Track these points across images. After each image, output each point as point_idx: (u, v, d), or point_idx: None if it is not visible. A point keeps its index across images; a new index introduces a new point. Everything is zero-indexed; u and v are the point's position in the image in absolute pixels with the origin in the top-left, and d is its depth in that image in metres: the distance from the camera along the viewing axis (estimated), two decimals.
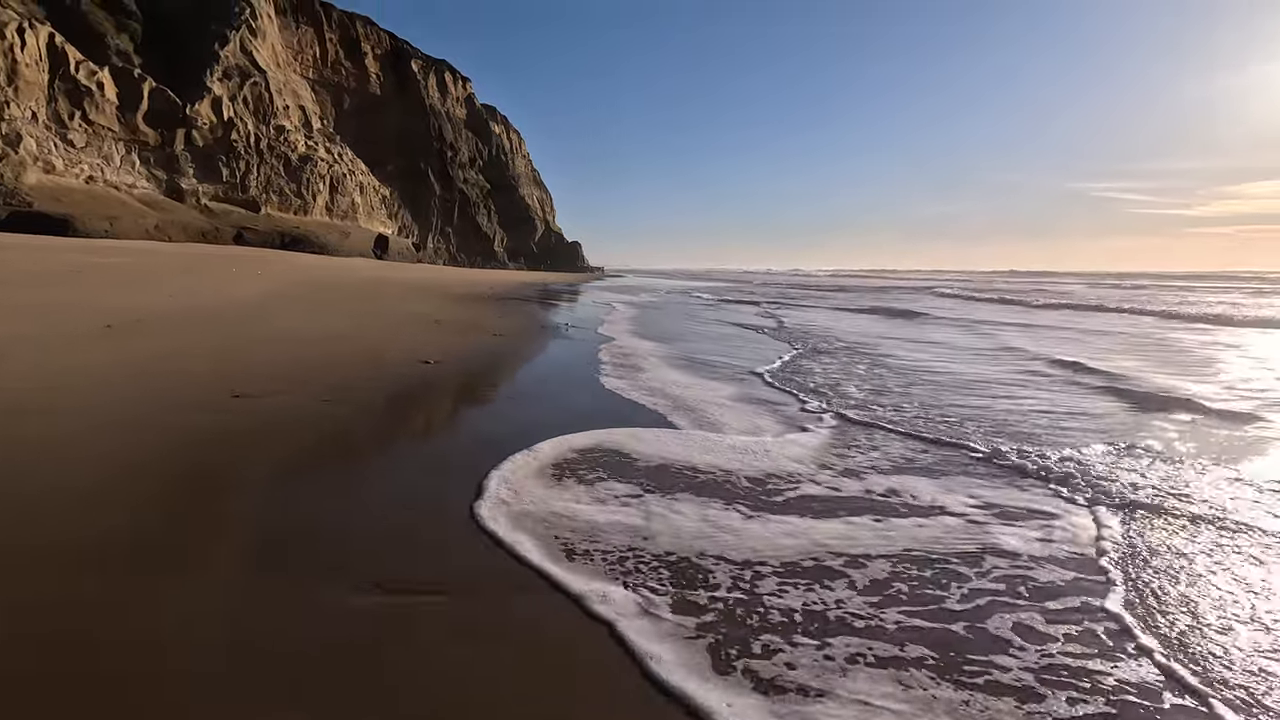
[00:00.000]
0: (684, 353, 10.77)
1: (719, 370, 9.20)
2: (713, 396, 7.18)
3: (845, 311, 22.76)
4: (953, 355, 11.28)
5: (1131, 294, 35.66)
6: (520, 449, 4.71)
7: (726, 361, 9.99)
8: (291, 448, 4.64)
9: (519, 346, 10.60)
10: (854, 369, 9.50)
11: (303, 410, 5.47)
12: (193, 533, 3.27)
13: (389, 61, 76.90)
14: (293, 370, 6.89)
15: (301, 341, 8.69)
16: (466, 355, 9.22)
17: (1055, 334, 15.50)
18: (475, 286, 30.14)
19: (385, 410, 5.85)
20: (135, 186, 41.58)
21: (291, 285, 19.52)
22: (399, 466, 4.47)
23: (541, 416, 5.85)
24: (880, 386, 8.04)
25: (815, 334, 14.32)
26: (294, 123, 52.27)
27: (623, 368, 9.06)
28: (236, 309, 11.79)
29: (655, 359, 9.88)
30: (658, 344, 11.77)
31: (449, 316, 14.49)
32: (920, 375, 9.01)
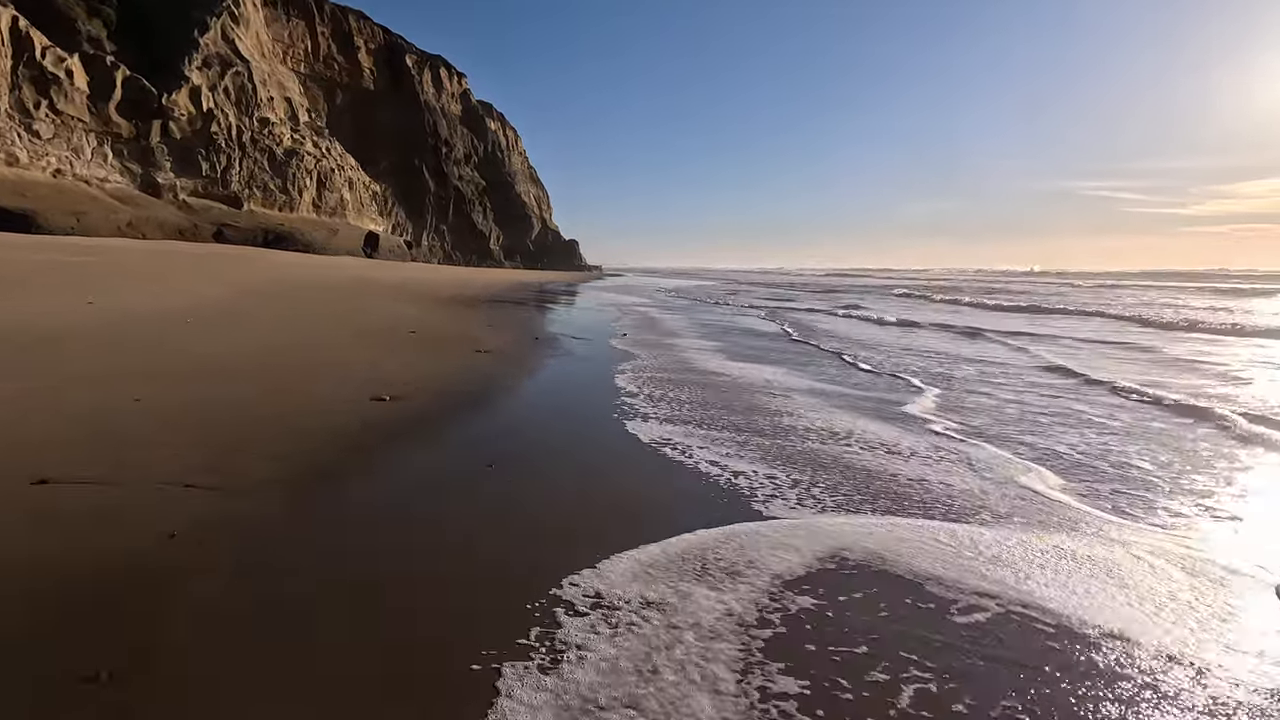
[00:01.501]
0: (727, 380, 8.50)
1: (774, 399, 6.94)
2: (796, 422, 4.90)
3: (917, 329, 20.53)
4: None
5: (1096, 293, 33.55)
6: (526, 631, 2.43)
7: (783, 383, 7.73)
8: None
9: (510, 370, 8.31)
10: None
11: (102, 526, 3.18)
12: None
13: (383, 56, 74.62)
14: (148, 431, 4.41)
15: (206, 374, 6.39)
16: (440, 385, 6.93)
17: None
18: (467, 287, 27.83)
19: (257, 529, 3.14)
20: (107, 181, 39.14)
21: (258, 287, 17.20)
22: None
23: (559, 522, 3.53)
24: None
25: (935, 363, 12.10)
26: (279, 115, 49.82)
27: (660, 401, 6.81)
28: (159, 321, 9.48)
29: (697, 377, 7.64)
30: (694, 355, 9.51)
31: (429, 325, 12.20)
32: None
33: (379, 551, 3.04)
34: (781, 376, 8.67)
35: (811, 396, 7.47)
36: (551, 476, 4.35)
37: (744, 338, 13.48)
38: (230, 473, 3.81)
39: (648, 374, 8.41)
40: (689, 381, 8.05)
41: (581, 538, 3.30)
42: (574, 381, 8.02)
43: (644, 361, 9.40)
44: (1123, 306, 24.07)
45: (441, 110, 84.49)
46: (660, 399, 7.00)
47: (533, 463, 4.61)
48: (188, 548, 2.90)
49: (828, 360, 10.38)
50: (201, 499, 3.43)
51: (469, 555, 3.07)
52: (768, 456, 4.87)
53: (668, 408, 6.60)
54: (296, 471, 3.95)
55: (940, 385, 8.33)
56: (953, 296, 31.96)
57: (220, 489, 3.57)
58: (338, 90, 66.94)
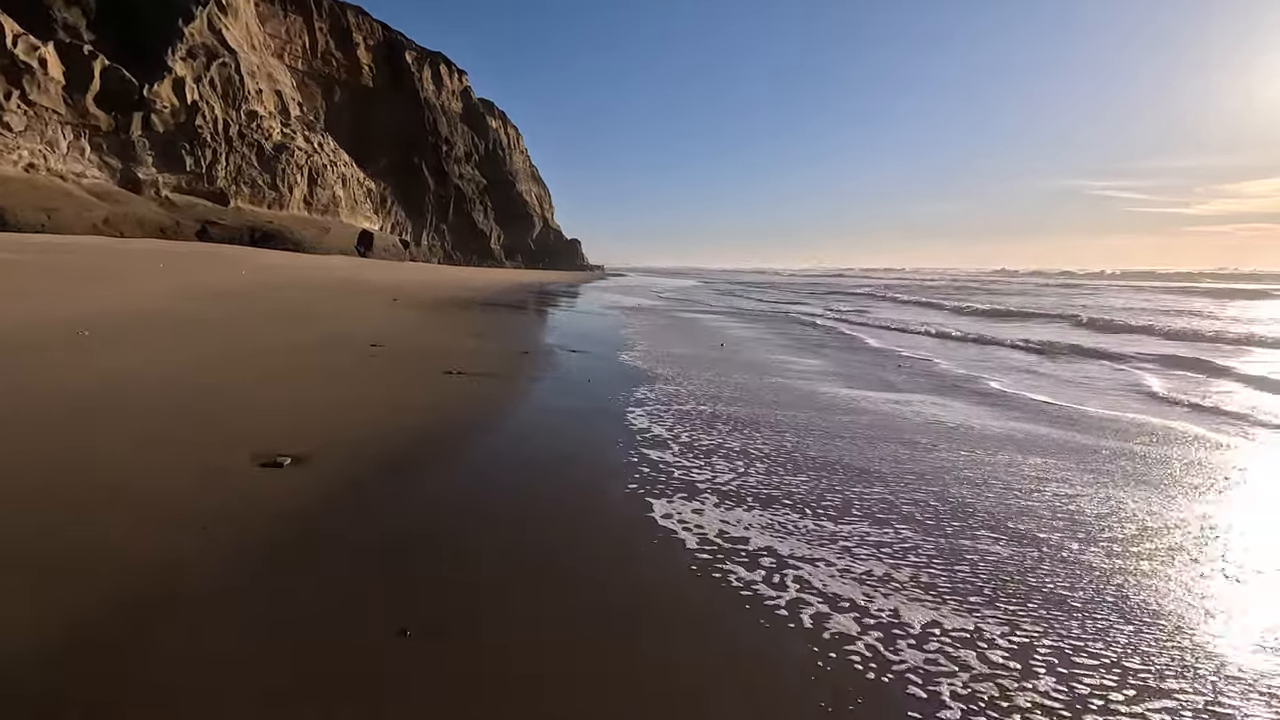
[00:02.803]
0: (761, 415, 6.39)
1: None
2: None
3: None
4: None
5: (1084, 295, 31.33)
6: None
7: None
8: None
9: (482, 404, 6.21)
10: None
11: None
12: None
13: (382, 53, 72.77)
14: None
15: (23, 424, 4.33)
16: (374, 432, 4.82)
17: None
18: (461, 289, 25.76)
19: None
20: (84, 176, 37.14)
21: (220, 290, 15.15)
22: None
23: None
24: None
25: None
26: (269, 109, 47.78)
27: (706, 455, 4.71)
28: (38, 332, 7.40)
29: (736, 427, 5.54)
30: (723, 389, 7.38)
31: (401, 336, 10.10)
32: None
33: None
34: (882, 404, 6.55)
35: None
36: (517, 663, 2.24)
37: (790, 351, 11.36)
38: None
39: (675, 406, 6.31)
40: (744, 418, 5.95)
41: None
42: (569, 420, 5.90)
43: (668, 387, 7.29)
44: (1176, 323, 21.87)
45: (442, 108, 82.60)
46: (704, 450, 4.91)
47: (482, 625, 2.49)
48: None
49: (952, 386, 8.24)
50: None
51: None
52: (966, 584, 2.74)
53: (723, 467, 4.51)
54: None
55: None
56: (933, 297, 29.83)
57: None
58: (336, 87, 65.11)
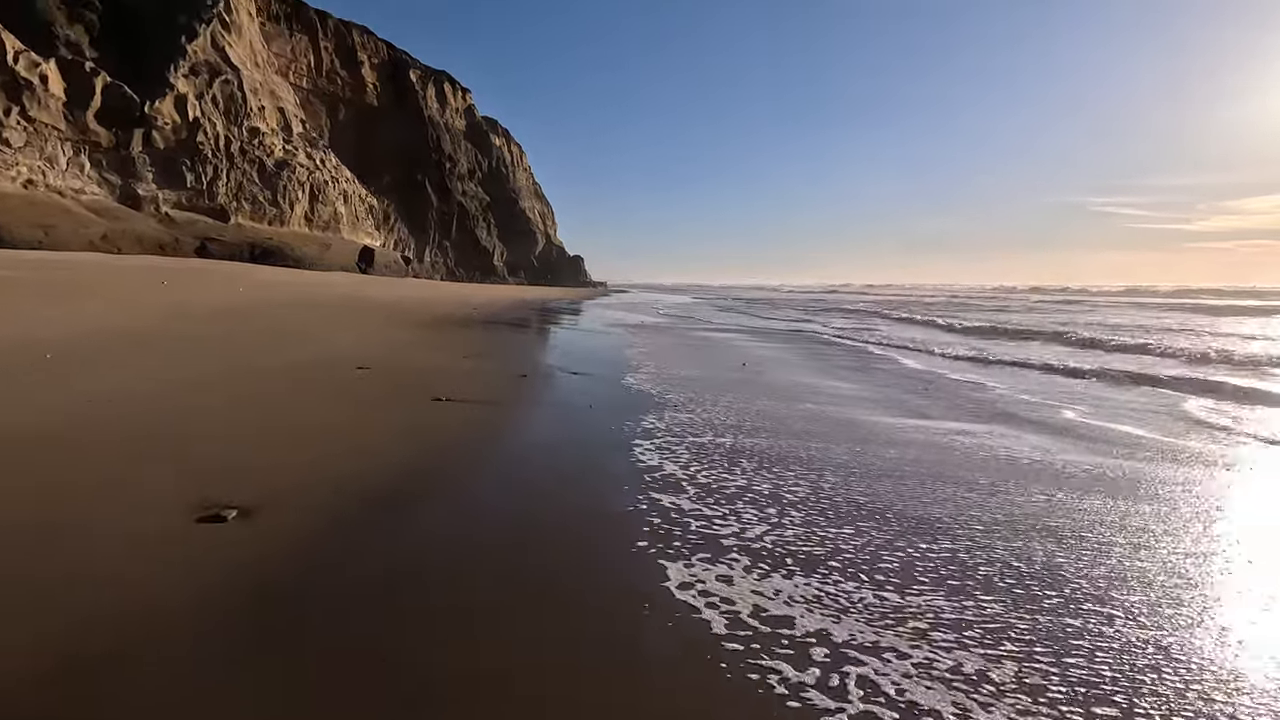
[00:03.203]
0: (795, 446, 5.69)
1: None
2: None
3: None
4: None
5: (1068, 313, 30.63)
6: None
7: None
8: None
9: (470, 437, 5.53)
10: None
11: None
12: None
13: (387, 71, 73.34)
14: None
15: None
16: (342, 477, 4.12)
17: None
18: (462, 306, 25.19)
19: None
20: (83, 192, 36.87)
21: (208, 309, 14.57)
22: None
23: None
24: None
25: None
26: (271, 125, 47.71)
27: (728, 500, 4.00)
28: (6, 362, 6.76)
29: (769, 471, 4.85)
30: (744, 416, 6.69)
31: (391, 358, 9.45)
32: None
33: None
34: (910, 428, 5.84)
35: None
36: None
37: (813, 373, 10.67)
38: None
39: (690, 437, 5.62)
40: (773, 452, 5.26)
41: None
42: (566, 457, 5.19)
43: (680, 414, 6.60)
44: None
45: (445, 126, 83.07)
46: (727, 494, 4.22)
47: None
48: None
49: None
50: None
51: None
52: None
53: (752, 516, 3.82)
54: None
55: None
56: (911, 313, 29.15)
57: None
58: (341, 105, 65.48)
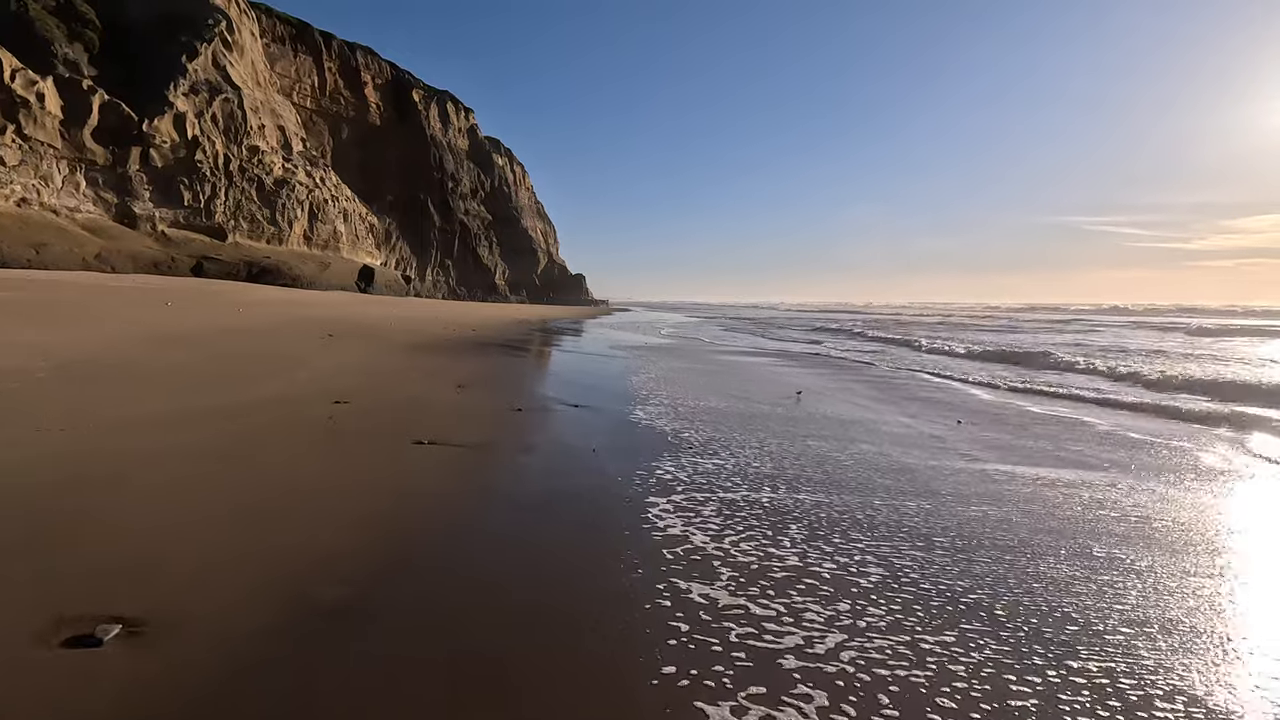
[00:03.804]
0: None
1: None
2: None
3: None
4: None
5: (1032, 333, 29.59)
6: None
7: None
8: None
9: (450, 493, 4.56)
10: None
11: None
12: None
13: (390, 92, 73.72)
14: None
15: None
16: (279, 566, 3.14)
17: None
18: (459, 327, 24.30)
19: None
20: (78, 210, 36.30)
21: (189, 331, 13.68)
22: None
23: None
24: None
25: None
26: (271, 144, 47.36)
27: (794, 605, 2.97)
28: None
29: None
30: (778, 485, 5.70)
31: (371, 390, 8.49)
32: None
33: None
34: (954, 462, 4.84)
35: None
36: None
37: (855, 402, 9.67)
38: None
39: (719, 492, 4.62)
40: (834, 513, 4.24)
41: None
42: (562, 523, 4.19)
43: (703, 460, 5.60)
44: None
45: (448, 145, 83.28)
46: (780, 580, 3.19)
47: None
48: None
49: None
50: None
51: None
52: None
53: (818, 619, 2.83)
54: None
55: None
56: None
57: None
58: (344, 125, 65.61)
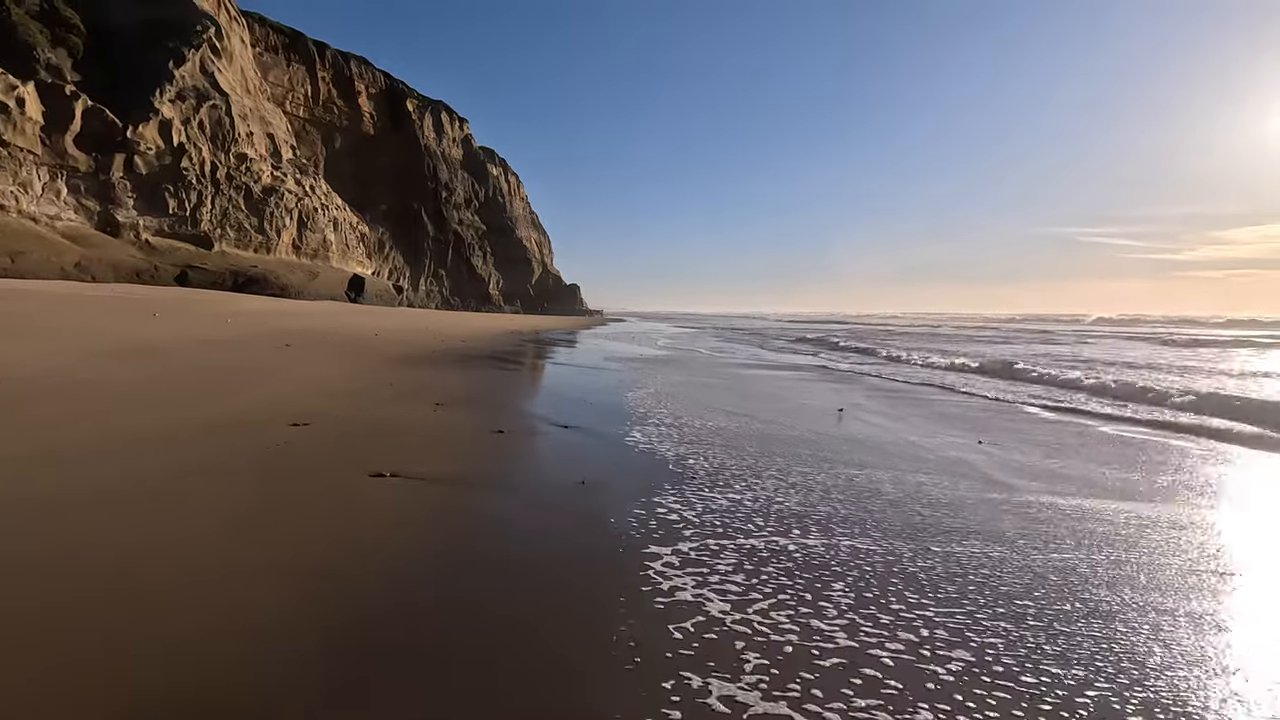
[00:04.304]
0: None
1: None
2: None
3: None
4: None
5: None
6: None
7: None
8: None
9: (399, 560, 3.70)
10: None
11: None
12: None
13: (384, 101, 73.33)
14: None
15: None
16: (154, 689, 2.26)
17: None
18: (447, 338, 23.43)
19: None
20: (59, 218, 35.33)
21: (151, 343, 12.77)
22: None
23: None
24: None
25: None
26: (260, 151, 46.55)
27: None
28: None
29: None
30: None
31: (340, 406, 7.61)
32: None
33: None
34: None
35: None
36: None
37: (860, 418, 8.82)
38: None
39: (734, 539, 3.74)
40: (869, 567, 3.34)
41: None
42: (539, 592, 3.31)
43: (711, 494, 4.74)
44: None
45: (442, 155, 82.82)
46: (821, 673, 2.32)
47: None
48: None
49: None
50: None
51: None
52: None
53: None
54: None
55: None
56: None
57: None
58: (337, 134, 65.05)
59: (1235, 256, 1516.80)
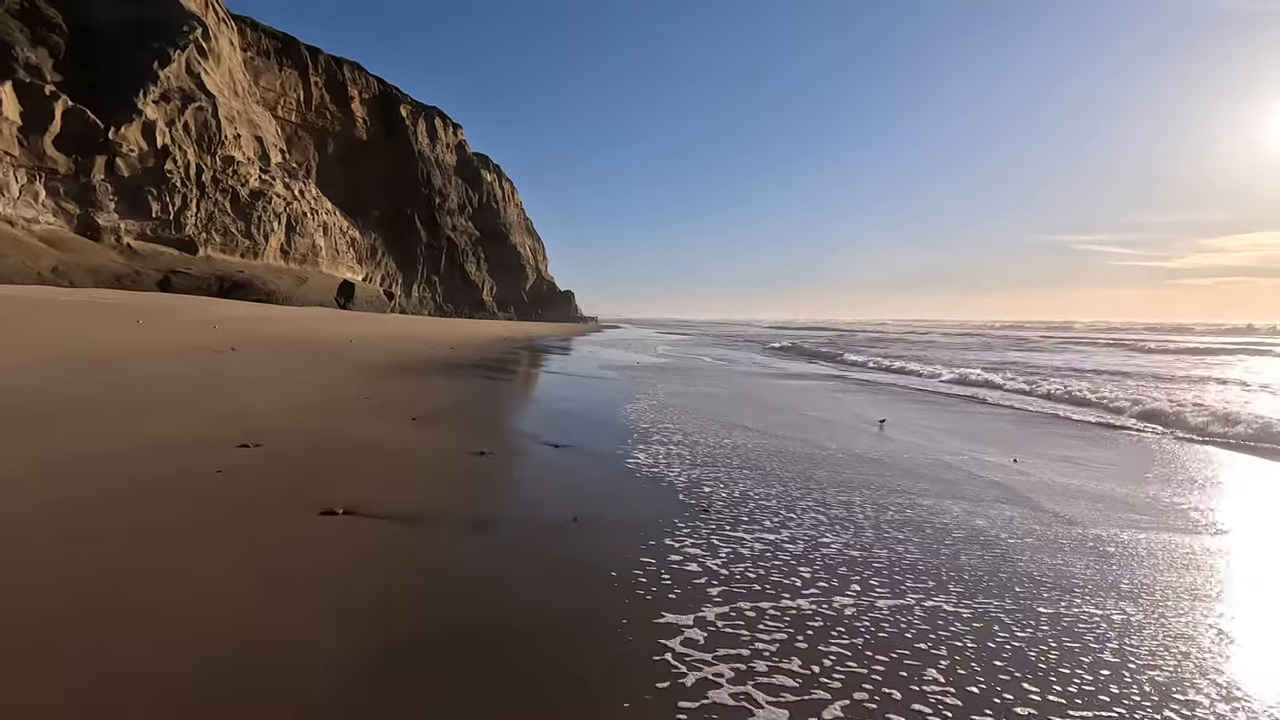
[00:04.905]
0: None
1: None
2: None
3: None
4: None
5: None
6: None
7: None
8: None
9: (317, 655, 2.79)
10: None
11: None
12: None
13: (377, 107, 72.44)
14: None
15: None
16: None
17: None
18: (437, 344, 22.47)
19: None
20: (36, 221, 34.18)
21: (104, 353, 11.82)
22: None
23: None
24: None
25: None
26: (247, 154, 45.53)
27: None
28: None
29: None
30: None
31: (302, 424, 6.68)
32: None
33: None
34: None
35: None
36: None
37: (908, 431, 7.94)
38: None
39: (773, 599, 2.83)
40: (962, 641, 2.43)
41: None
42: (510, 690, 2.43)
43: (736, 535, 3.84)
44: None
45: (436, 160, 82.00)
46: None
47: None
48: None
49: None
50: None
51: None
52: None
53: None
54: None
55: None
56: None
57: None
58: (330, 140, 64.05)
59: (1224, 264, 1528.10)
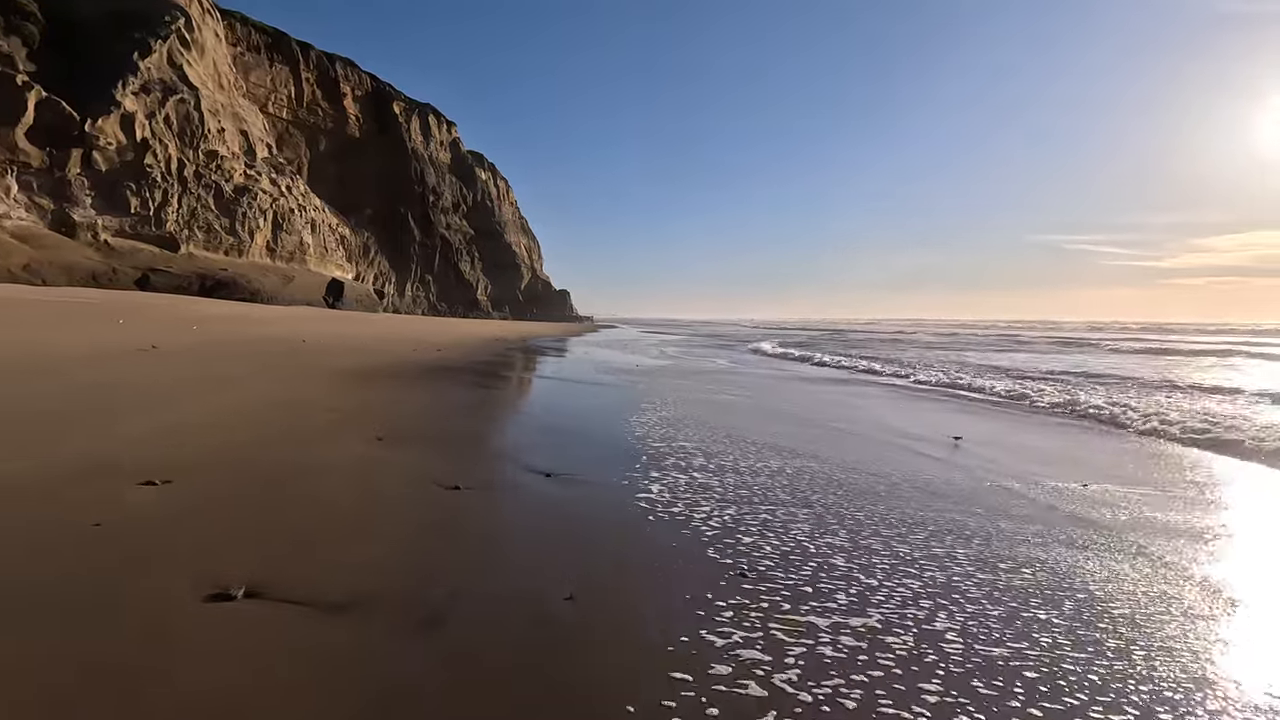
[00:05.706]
0: None
1: None
2: None
3: None
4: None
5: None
6: None
7: None
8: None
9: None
10: None
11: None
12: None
13: (370, 103, 71.15)
14: None
15: None
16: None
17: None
18: (424, 346, 21.22)
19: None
20: (8, 216, 32.80)
21: (51, 361, 10.57)
22: None
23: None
24: None
25: None
26: (232, 149, 44.14)
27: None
28: None
29: None
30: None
31: (237, 446, 5.46)
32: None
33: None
34: None
35: None
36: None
37: (999, 453, 6.77)
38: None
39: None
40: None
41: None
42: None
43: (800, 626, 2.63)
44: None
45: (430, 158, 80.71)
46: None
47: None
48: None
49: None
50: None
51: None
52: None
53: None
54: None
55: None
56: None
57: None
58: (321, 137, 62.75)
59: (1216, 264, 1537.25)
